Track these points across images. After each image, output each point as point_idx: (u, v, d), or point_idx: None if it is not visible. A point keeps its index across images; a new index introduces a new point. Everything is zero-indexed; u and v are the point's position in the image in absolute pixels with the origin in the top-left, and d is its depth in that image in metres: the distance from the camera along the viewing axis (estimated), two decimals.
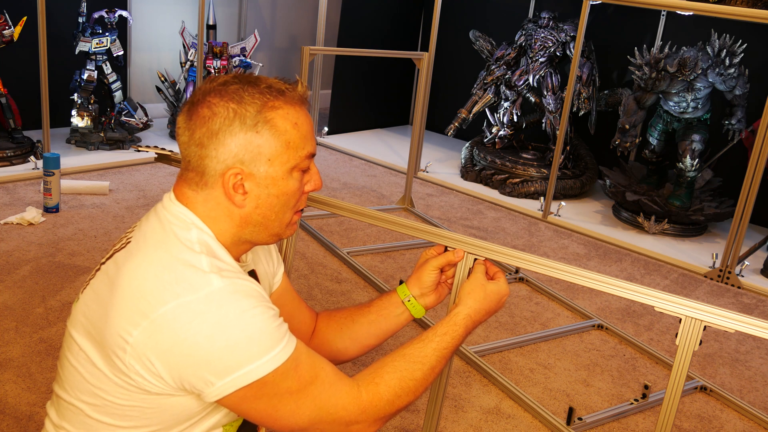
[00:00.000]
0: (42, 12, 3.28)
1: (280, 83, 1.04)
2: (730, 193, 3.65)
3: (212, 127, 1.00)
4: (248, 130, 1.00)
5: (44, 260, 2.67)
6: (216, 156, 1.00)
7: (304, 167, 1.06)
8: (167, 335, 0.93)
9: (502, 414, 2.11)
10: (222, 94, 1.01)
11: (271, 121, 1.01)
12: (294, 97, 1.04)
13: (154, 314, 0.94)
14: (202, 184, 1.03)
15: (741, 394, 2.37)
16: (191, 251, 0.99)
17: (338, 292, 2.71)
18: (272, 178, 1.02)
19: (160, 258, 0.98)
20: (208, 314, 0.94)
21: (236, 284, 0.97)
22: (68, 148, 3.89)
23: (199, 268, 0.97)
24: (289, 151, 1.02)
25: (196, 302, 0.94)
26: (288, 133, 1.02)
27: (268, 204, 1.04)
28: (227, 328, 0.94)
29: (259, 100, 1.01)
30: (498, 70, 4.20)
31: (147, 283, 0.96)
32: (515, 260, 1.29)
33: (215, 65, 4.25)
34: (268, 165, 1.01)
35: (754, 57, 3.68)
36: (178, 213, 1.04)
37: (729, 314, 1.16)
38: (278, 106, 1.01)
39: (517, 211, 3.85)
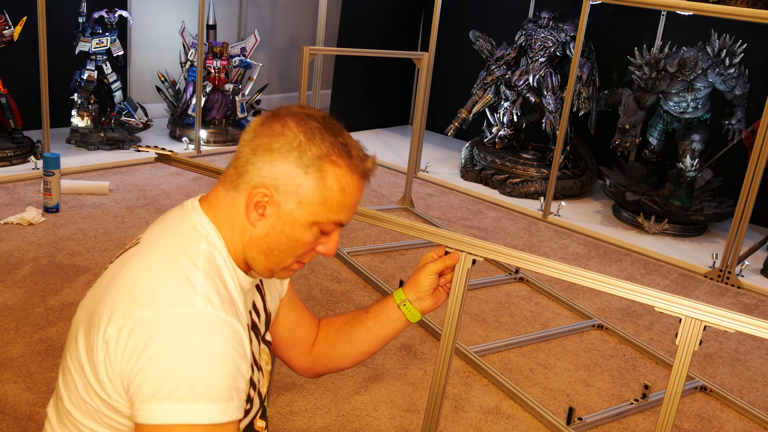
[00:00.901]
0: (42, 12, 3.27)
1: (356, 147, 1.05)
2: (730, 193, 3.65)
3: (274, 144, 0.99)
4: (300, 166, 0.99)
5: (44, 260, 2.67)
6: (260, 168, 1.00)
7: (326, 229, 1.04)
8: (133, 340, 0.91)
9: (502, 414, 2.11)
10: (300, 123, 1.01)
11: (324, 172, 1.00)
12: (358, 167, 1.03)
13: (131, 315, 0.92)
14: (235, 185, 1.02)
15: (741, 394, 2.37)
16: (192, 265, 0.97)
17: (338, 292, 2.71)
18: (293, 220, 1.01)
19: (159, 263, 0.97)
20: (174, 333, 0.91)
21: (217, 318, 0.94)
22: (68, 148, 3.89)
23: (190, 284, 0.95)
24: (322, 208, 1.01)
25: (169, 317, 0.91)
26: (332, 191, 1.01)
27: (277, 239, 1.03)
28: (180, 355, 0.90)
29: (326, 148, 1.00)
30: (498, 70, 4.20)
31: (137, 284, 0.95)
32: (515, 260, 1.29)
33: (215, 65, 4.25)
34: (296, 206, 1.00)
35: (754, 57, 3.68)
36: (195, 222, 1.03)
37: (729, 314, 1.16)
38: (339, 164, 1.01)
39: (517, 211, 3.85)
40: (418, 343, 2.43)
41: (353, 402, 2.08)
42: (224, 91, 4.32)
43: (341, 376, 2.18)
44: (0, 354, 2.08)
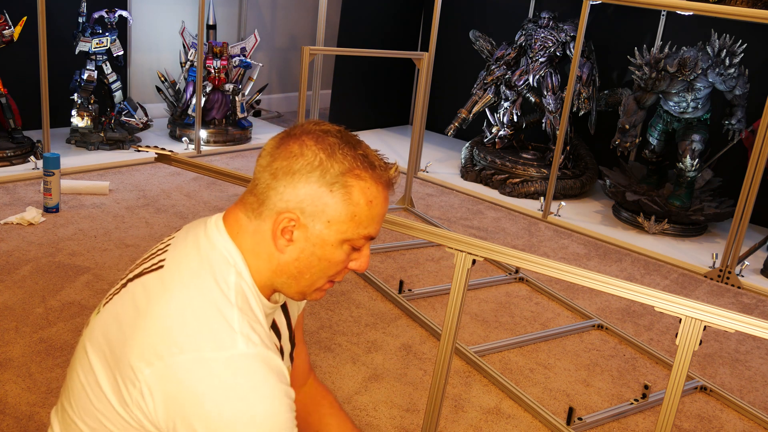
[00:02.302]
0: (42, 12, 3.27)
1: (377, 157, 1.02)
2: (730, 193, 3.65)
3: (293, 166, 0.97)
4: (324, 185, 0.96)
5: (44, 260, 2.67)
6: (282, 193, 0.97)
7: (357, 245, 1.02)
8: (176, 384, 0.90)
9: (502, 414, 2.11)
10: (318, 140, 0.98)
11: (349, 188, 0.97)
12: (382, 177, 1.01)
13: (171, 359, 0.91)
14: (257, 213, 0.99)
15: (741, 394, 2.37)
16: (226, 300, 0.95)
17: (338, 292, 2.71)
18: (322, 240, 0.99)
19: (192, 299, 0.95)
20: (223, 378, 0.90)
21: (261, 356, 0.93)
22: (68, 148, 3.89)
23: (229, 324, 0.93)
24: (351, 224, 0.99)
25: (214, 361, 0.90)
26: (359, 206, 0.98)
27: (308, 262, 1.00)
28: (235, 399, 0.89)
29: (348, 163, 0.98)
30: (498, 70, 4.20)
31: (173, 324, 0.93)
32: (515, 260, 1.29)
33: (215, 65, 4.25)
34: (325, 226, 0.98)
35: (754, 57, 3.68)
36: (222, 248, 1.00)
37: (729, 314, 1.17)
38: (363, 178, 0.98)
39: (517, 211, 3.85)
40: (418, 343, 2.43)
41: (353, 402, 2.08)
42: (224, 91, 4.32)
43: (341, 377, 2.19)
44: (0, 354, 2.08)
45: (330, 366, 2.23)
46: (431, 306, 2.71)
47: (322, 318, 2.51)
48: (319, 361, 2.25)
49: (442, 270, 3.02)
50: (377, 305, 2.66)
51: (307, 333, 2.40)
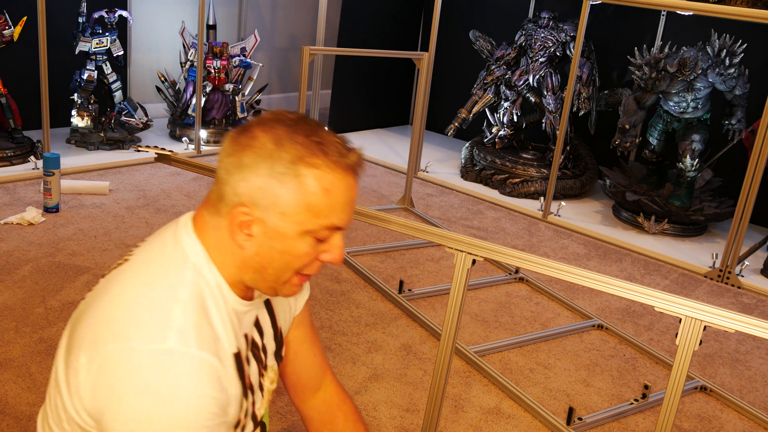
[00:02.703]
0: (42, 12, 3.27)
1: (335, 143, 0.96)
2: (730, 193, 3.65)
3: (243, 159, 0.94)
4: (273, 176, 0.92)
5: (44, 260, 2.67)
6: (235, 187, 0.95)
7: (321, 236, 0.97)
8: (101, 372, 0.89)
9: (502, 414, 2.11)
10: (267, 130, 0.94)
11: (301, 177, 0.93)
12: (338, 163, 0.95)
13: (102, 347, 0.90)
14: (217, 209, 0.98)
15: (741, 394, 2.37)
16: (172, 296, 0.93)
17: (338, 292, 2.71)
18: (280, 233, 0.95)
19: (137, 291, 0.94)
20: (145, 372, 0.88)
21: (190, 356, 0.90)
22: (68, 148, 3.89)
23: (166, 319, 0.91)
24: (308, 215, 0.94)
25: (140, 353, 0.88)
26: (314, 195, 0.93)
27: (269, 256, 0.97)
28: (151, 397, 0.87)
29: (299, 151, 0.93)
30: (498, 70, 4.20)
31: (113, 313, 0.93)
32: (515, 260, 1.29)
33: (215, 65, 4.25)
34: (280, 219, 0.94)
35: (754, 57, 3.68)
36: (184, 245, 0.99)
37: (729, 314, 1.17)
38: (316, 165, 0.93)
39: (517, 211, 3.85)
40: (418, 343, 2.43)
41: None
42: (224, 91, 4.32)
43: (341, 376, 2.18)
44: (0, 354, 2.08)
45: (330, 366, 2.23)
46: (431, 306, 2.71)
47: (322, 318, 2.51)
48: None
49: (442, 270, 3.02)
50: (377, 305, 2.66)
51: None
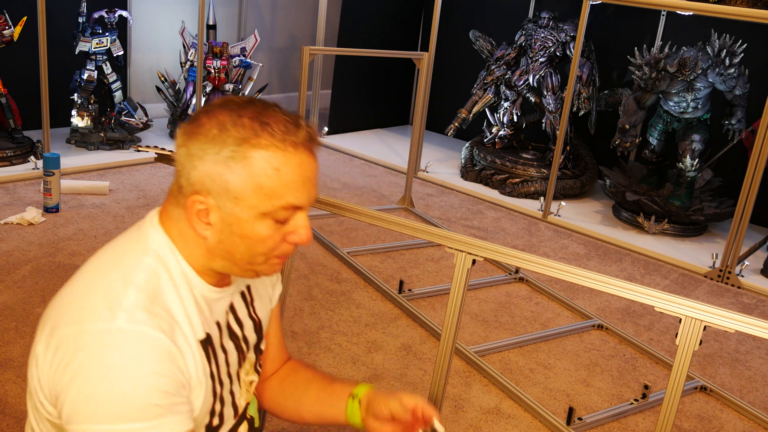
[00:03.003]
0: (42, 12, 3.27)
1: (284, 120, 0.94)
2: (730, 193, 3.65)
3: (191, 148, 0.94)
4: (220, 161, 0.92)
5: (44, 260, 2.67)
6: (188, 178, 0.95)
7: (280, 218, 0.95)
8: (58, 357, 0.89)
9: (502, 414, 2.11)
10: (212, 117, 0.94)
11: (247, 159, 0.91)
12: (286, 140, 0.93)
13: (57, 331, 0.90)
14: (177, 200, 0.98)
15: (741, 394, 2.37)
16: (125, 280, 0.92)
17: (338, 292, 2.71)
18: (237, 219, 0.94)
19: (95, 277, 0.94)
20: (93, 352, 0.87)
21: (139, 333, 0.89)
22: (68, 148, 3.89)
23: (117, 300, 0.90)
24: (260, 197, 0.93)
25: (89, 333, 0.88)
26: (264, 176, 0.92)
27: (232, 242, 0.96)
28: (98, 375, 0.87)
29: (243, 133, 0.92)
30: (498, 70, 4.20)
31: (69, 299, 0.93)
32: (515, 260, 1.29)
33: (215, 65, 4.25)
34: (234, 203, 0.93)
35: (754, 57, 3.68)
36: (147, 235, 0.99)
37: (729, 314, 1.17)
38: (262, 145, 0.92)
39: (517, 211, 3.85)
40: (418, 343, 2.43)
41: None
42: (224, 91, 4.32)
43: (340, 375, 2.18)
44: (0, 354, 2.08)
45: (330, 366, 2.23)
46: (431, 306, 2.71)
47: (322, 318, 2.51)
48: (319, 361, 2.25)
49: (442, 270, 3.02)
50: (377, 305, 2.66)
51: (307, 333, 2.40)
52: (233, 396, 1.08)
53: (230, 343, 1.07)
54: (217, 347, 1.02)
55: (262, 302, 1.18)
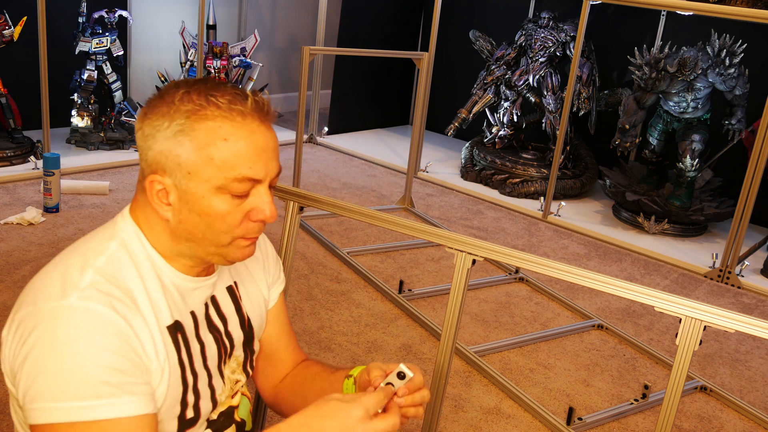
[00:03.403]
0: (42, 12, 3.27)
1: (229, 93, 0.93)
2: (730, 193, 3.65)
3: (145, 129, 0.94)
4: (170, 137, 0.92)
5: (44, 260, 2.67)
6: (146, 159, 0.95)
7: (237, 192, 0.94)
8: (16, 338, 0.89)
9: (502, 414, 2.11)
10: (164, 95, 0.94)
11: (194, 132, 0.91)
12: (233, 110, 0.92)
13: (17, 314, 0.91)
14: (141, 185, 0.98)
15: (741, 394, 2.37)
16: (86, 263, 0.93)
17: (338, 292, 2.71)
18: (192, 195, 0.93)
19: (59, 262, 0.95)
20: (43, 329, 0.87)
21: (88, 310, 0.88)
22: (68, 148, 3.89)
23: (71, 280, 0.90)
24: (213, 169, 0.92)
25: (42, 312, 0.88)
26: (212, 147, 0.91)
27: (192, 222, 0.95)
28: (47, 351, 0.86)
29: (188, 108, 0.92)
30: (498, 70, 4.20)
31: (32, 283, 0.94)
32: (515, 260, 1.29)
33: (215, 65, 4.25)
34: (188, 179, 0.93)
35: (754, 57, 3.68)
36: (117, 225, 0.99)
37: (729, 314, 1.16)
38: (209, 117, 0.92)
39: (517, 211, 3.85)
40: (418, 343, 2.43)
41: None
42: None
43: None
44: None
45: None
46: (431, 306, 2.71)
47: (322, 318, 2.51)
48: None
49: (442, 270, 3.02)
50: (377, 305, 2.66)
51: (307, 333, 2.40)
52: (213, 390, 1.06)
53: (209, 336, 1.05)
54: (190, 336, 1.01)
55: (253, 301, 1.17)
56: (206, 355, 1.05)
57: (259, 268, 1.20)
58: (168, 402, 0.97)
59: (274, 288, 1.23)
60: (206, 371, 1.04)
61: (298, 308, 2.55)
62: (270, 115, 0.97)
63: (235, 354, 1.13)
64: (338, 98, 4.86)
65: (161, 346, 0.95)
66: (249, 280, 1.17)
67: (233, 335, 1.12)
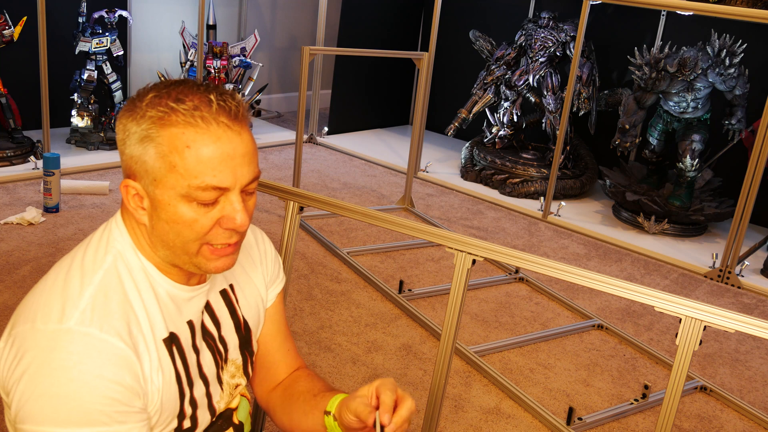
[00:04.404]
0: (42, 12, 3.27)
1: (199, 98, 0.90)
2: (730, 193, 3.65)
3: (119, 133, 0.93)
4: (136, 144, 0.90)
5: (44, 260, 2.67)
6: (122, 162, 0.94)
7: (202, 200, 0.90)
8: (11, 355, 0.89)
9: (502, 414, 2.11)
10: (135, 98, 0.93)
11: (157, 139, 0.89)
12: (194, 116, 0.89)
13: (13, 330, 0.90)
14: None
15: (741, 394, 2.37)
16: (86, 280, 0.92)
17: (338, 292, 2.71)
18: (160, 202, 0.91)
19: (57, 277, 0.94)
20: (40, 352, 0.86)
21: (87, 336, 0.87)
22: (68, 148, 3.89)
23: (72, 300, 0.89)
24: (176, 176, 0.89)
25: (40, 333, 0.87)
26: (175, 155, 0.88)
27: (162, 229, 0.93)
28: (43, 376, 0.85)
29: (152, 115, 0.90)
30: (498, 70, 4.20)
31: (33, 297, 0.93)
32: (515, 260, 1.29)
33: (215, 65, 4.25)
34: (155, 186, 0.91)
35: (754, 57, 3.68)
36: (111, 234, 0.98)
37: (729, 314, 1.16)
38: (171, 123, 0.89)
39: (517, 211, 3.85)
40: (418, 343, 2.43)
41: None
42: None
43: (341, 377, 2.18)
44: None
45: (330, 366, 2.23)
46: (431, 306, 2.71)
47: (322, 318, 2.51)
48: (319, 360, 2.25)
49: (442, 270, 3.02)
50: (377, 305, 2.66)
51: (307, 333, 2.40)
52: (210, 398, 1.05)
53: (203, 344, 1.04)
54: (186, 347, 1.00)
55: (250, 302, 1.15)
56: (202, 364, 1.03)
57: (256, 267, 1.18)
58: (164, 416, 0.96)
59: (272, 287, 1.21)
60: (203, 380, 1.03)
61: (298, 308, 2.55)
62: (241, 118, 0.92)
63: (232, 358, 1.12)
64: (338, 98, 4.86)
65: (156, 362, 0.94)
66: (245, 281, 1.15)
67: (227, 339, 1.10)
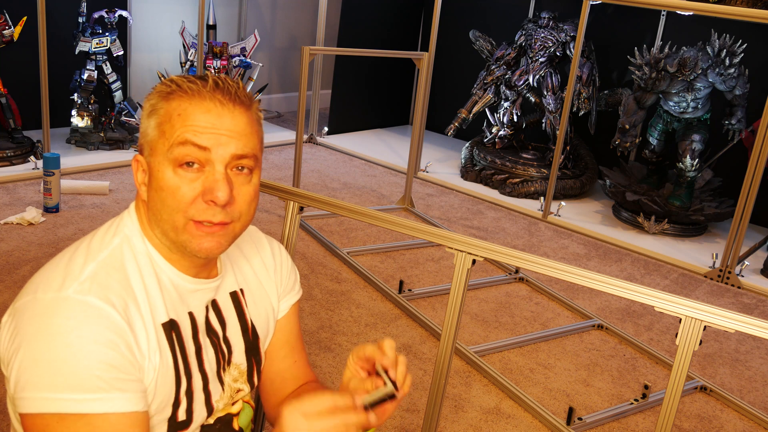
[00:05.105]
0: (42, 12, 3.27)
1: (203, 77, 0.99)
2: (730, 193, 3.65)
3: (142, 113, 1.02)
4: (145, 117, 0.99)
5: (44, 260, 2.67)
6: (138, 143, 1.03)
7: (180, 157, 0.94)
8: (12, 325, 0.91)
9: (502, 414, 2.11)
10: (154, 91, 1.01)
11: (159, 111, 0.97)
12: (191, 89, 0.96)
13: (17, 303, 0.92)
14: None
15: (741, 394, 2.37)
16: (90, 257, 0.95)
17: (338, 292, 2.71)
18: (152, 169, 0.97)
19: (61, 256, 0.97)
20: (39, 319, 0.88)
21: (85, 303, 0.89)
22: (68, 148, 3.89)
23: (73, 273, 0.92)
24: (163, 140, 0.95)
25: (40, 302, 0.90)
26: (167, 123, 0.96)
27: (152, 199, 0.98)
28: (41, 341, 0.87)
29: (161, 88, 0.99)
30: (498, 70, 4.20)
31: (38, 273, 0.96)
32: (515, 260, 1.29)
33: (215, 65, 4.25)
34: (150, 155, 0.97)
35: (754, 57, 3.68)
36: (123, 220, 1.02)
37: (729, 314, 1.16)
38: (172, 98, 0.97)
39: (517, 211, 3.85)
40: (418, 343, 2.43)
41: None
42: None
43: (341, 376, 2.18)
44: None
45: (330, 366, 2.23)
46: (431, 306, 2.71)
47: (322, 318, 2.51)
48: (319, 360, 2.25)
49: (442, 270, 3.02)
50: (377, 305, 2.66)
51: (307, 333, 2.40)
52: (209, 395, 1.05)
53: (207, 340, 1.05)
54: (186, 338, 1.01)
55: (260, 309, 1.16)
56: (202, 359, 1.04)
57: (270, 276, 1.19)
58: (158, 401, 0.97)
59: (285, 299, 1.22)
60: (201, 375, 1.03)
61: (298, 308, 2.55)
62: (239, 98, 0.98)
63: (236, 362, 1.11)
64: (338, 98, 4.86)
65: (154, 343, 0.95)
66: (257, 288, 1.16)
67: (231, 341, 1.10)
